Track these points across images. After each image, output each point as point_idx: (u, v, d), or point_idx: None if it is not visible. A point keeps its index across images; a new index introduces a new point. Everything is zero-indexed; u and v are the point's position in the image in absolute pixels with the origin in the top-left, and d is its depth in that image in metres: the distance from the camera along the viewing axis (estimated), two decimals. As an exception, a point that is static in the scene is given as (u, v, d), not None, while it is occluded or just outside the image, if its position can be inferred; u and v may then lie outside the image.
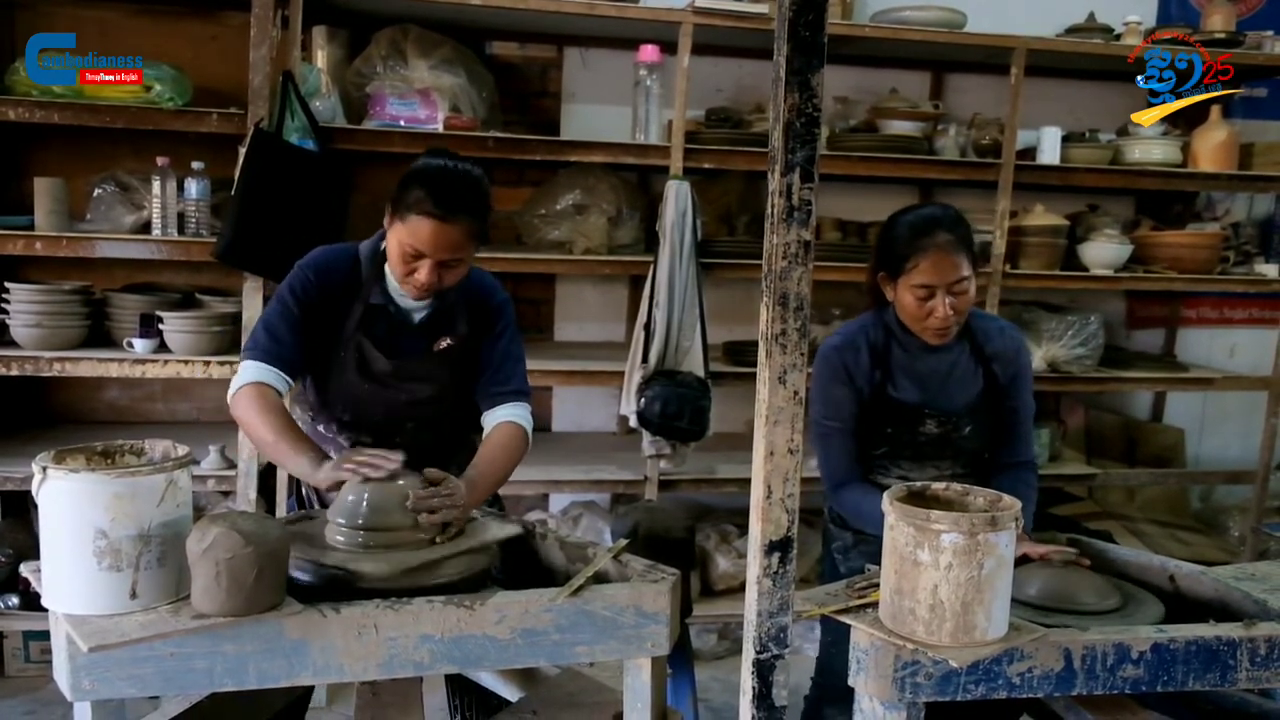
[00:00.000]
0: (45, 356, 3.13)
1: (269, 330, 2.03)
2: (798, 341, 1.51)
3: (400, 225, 1.98)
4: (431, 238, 1.95)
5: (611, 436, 4.24)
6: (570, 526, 3.81)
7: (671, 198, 3.42)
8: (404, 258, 1.99)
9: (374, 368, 2.08)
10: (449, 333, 2.13)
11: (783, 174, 1.47)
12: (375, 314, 2.09)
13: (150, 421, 3.87)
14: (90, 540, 1.47)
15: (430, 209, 1.94)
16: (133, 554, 1.49)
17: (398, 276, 2.04)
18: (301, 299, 2.05)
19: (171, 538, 1.52)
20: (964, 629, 1.60)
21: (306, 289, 2.05)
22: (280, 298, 2.06)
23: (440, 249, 1.97)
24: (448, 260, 1.99)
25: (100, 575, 1.48)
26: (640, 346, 3.47)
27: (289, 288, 2.06)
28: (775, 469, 1.54)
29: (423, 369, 2.13)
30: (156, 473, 1.50)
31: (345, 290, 2.08)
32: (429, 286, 2.01)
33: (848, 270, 3.75)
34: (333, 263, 2.10)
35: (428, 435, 2.16)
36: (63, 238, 3.12)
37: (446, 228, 1.95)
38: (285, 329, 2.03)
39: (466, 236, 1.99)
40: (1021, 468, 2.37)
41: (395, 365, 2.09)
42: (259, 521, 1.51)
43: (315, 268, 2.08)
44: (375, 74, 3.42)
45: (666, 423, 3.39)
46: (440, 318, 2.13)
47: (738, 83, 4.15)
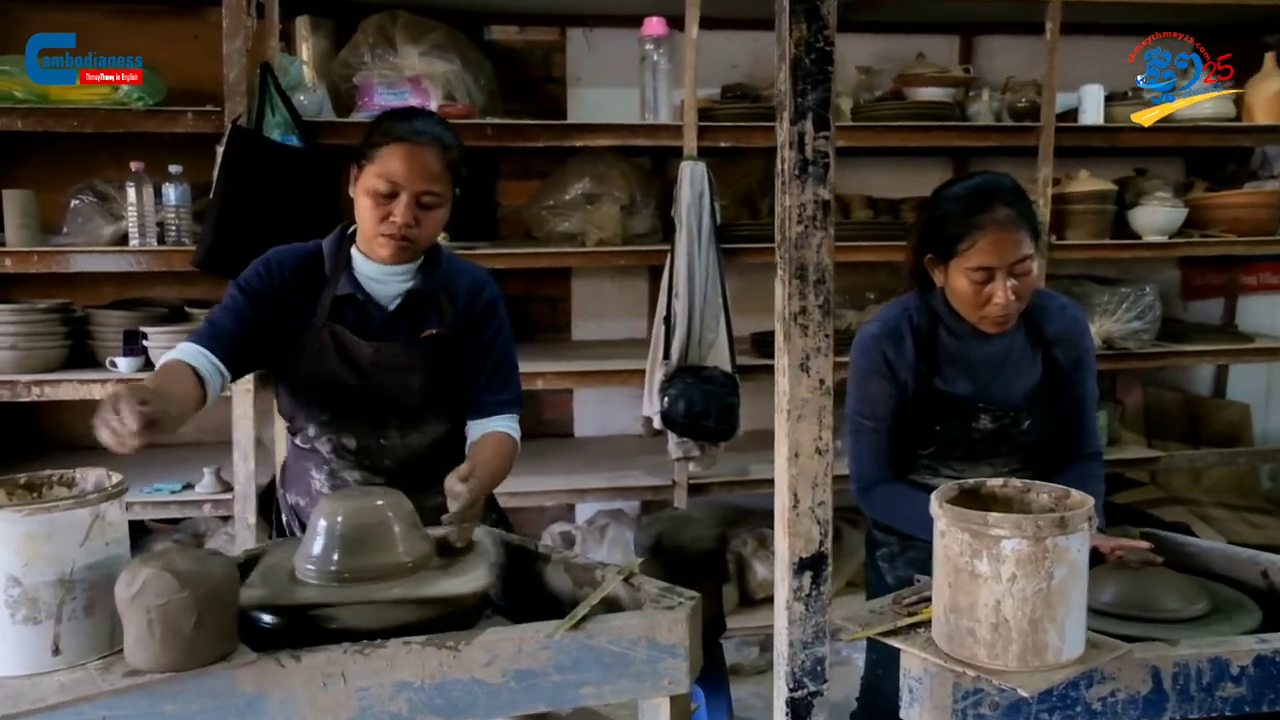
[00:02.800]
0: (22, 380, 2.95)
1: (209, 319, 1.86)
2: (821, 321, 1.27)
3: (369, 168, 1.82)
4: (405, 164, 1.80)
5: (637, 439, 4.00)
6: (596, 538, 3.57)
7: (686, 180, 3.17)
8: (376, 203, 1.81)
9: (354, 354, 1.88)
10: (432, 323, 1.93)
11: (793, 121, 1.23)
12: (344, 303, 1.90)
13: (146, 445, 3.67)
14: (1, 589, 1.25)
15: (400, 134, 1.81)
16: (53, 603, 1.27)
17: (370, 234, 1.85)
18: (249, 292, 1.87)
19: (101, 582, 1.30)
20: (1033, 650, 1.35)
21: (257, 281, 1.89)
22: (228, 293, 1.89)
23: (415, 177, 1.81)
24: (424, 197, 1.82)
25: (15, 629, 1.26)
26: (661, 341, 3.23)
27: (236, 284, 1.90)
28: (801, 473, 1.30)
29: (407, 357, 1.91)
30: (78, 506, 1.29)
31: (308, 282, 1.90)
32: (405, 228, 1.81)
33: (881, 250, 3.50)
34: (290, 256, 1.93)
35: (416, 436, 1.95)
36: (34, 252, 2.94)
37: (419, 152, 1.81)
38: (228, 318, 1.85)
39: (442, 167, 1.84)
40: (1087, 460, 2.10)
41: (377, 350, 1.88)
42: (199, 559, 1.28)
43: (267, 262, 1.91)
44: (363, 64, 3.21)
45: (693, 422, 3.14)
46: (418, 306, 1.93)
47: (753, 57, 3.91)
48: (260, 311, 1.85)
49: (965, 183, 2.02)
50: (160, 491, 3.11)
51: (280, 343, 1.88)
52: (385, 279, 1.91)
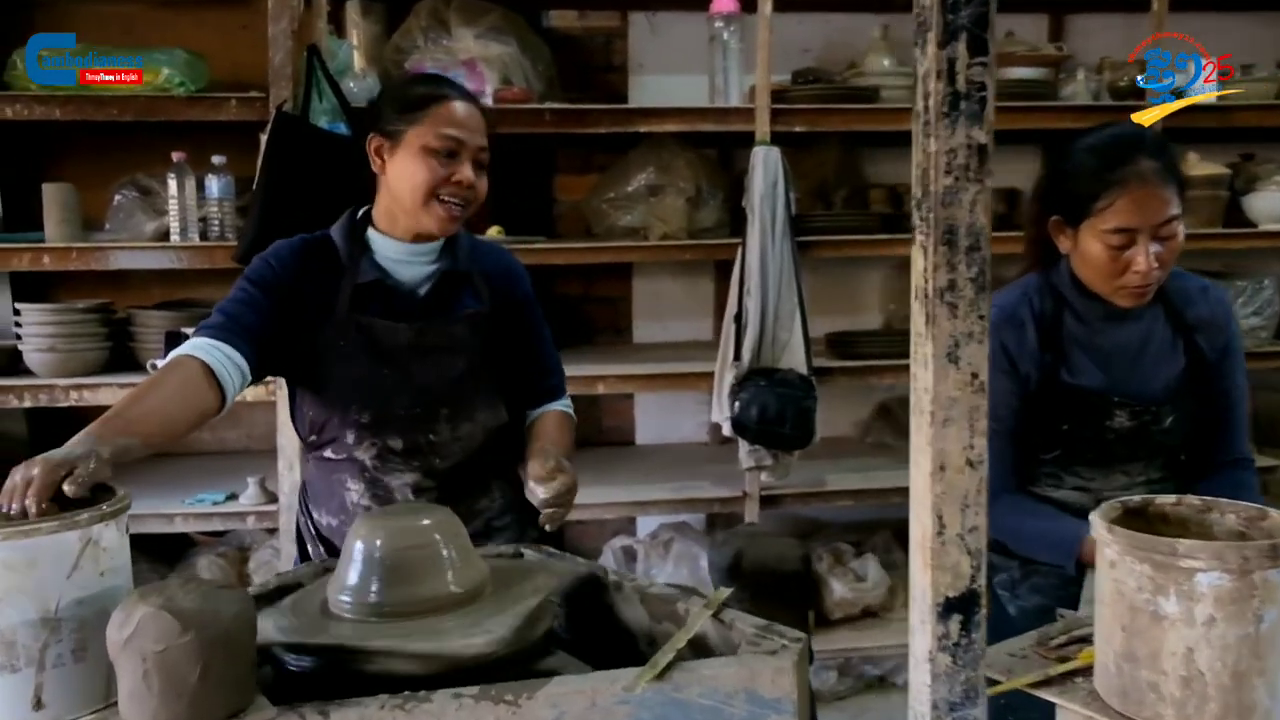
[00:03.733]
0: (60, 384, 2.79)
1: (220, 310, 1.62)
2: (974, 299, 1.01)
3: (417, 130, 1.65)
4: (463, 117, 1.67)
5: (703, 447, 3.76)
6: (661, 554, 3.32)
7: (759, 166, 2.92)
8: (435, 165, 1.64)
9: (392, 342, 1.68)
10: (469, 304, 1.76)
11: (940, 44, 0.97)
12: (369, 292, 1.70)
13: (195, 452, 3.52)
14: (-27, 629, 1.04)
15: (446, 91, 1.69)
16: (34, 647, 1.06)
17: (420, 201, 1.65)
18: (261, 283, 1.66)
19: (93, 620, 1.09)
20: (1236, 711, 1.09)
21: (268, 273, 1.67)
22: (236, 288, 1.67)
23: (474, 132, 1.68)
24: (481, 155, 1.70)
25: (-9, 678, 1.05)
26: (731, 342, 2.98)
27: (244, 278, 1.68)
28: (948, 491, 1.04)
29: (449, 336, 1.71)
30: (64, 529, 1.07)
31: (321, 274, 1.69)
32: (469, 185, 1.66)
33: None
34: (297, 247, 1.72)
35: (468, 427, 1.73)
36: (72, 249, 2.78)
37: (470, 107, 1.70)
38: (243, 309, 1.62)
39: (483, 119, 1.72)
40: (1238, 467, 1.82)
41: (418, 333, 1.68)
42: (206, 596, 1.06)
43: (274, 254, 1.71)
44: (415, 48, 3.02)
45: (766, 428, 2.89)
46: (452, 287, 1.75)
47: (826, 40, 3.66)
48: (276, 306, 1.64)
49: (1100, 132, 1.74)
50: (203, 502, 2.93)
51: (299, 345, 1.67)
52: (411, 260, 1.72)
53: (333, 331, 1.66)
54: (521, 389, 1.82)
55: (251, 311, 1.61)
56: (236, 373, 1.54)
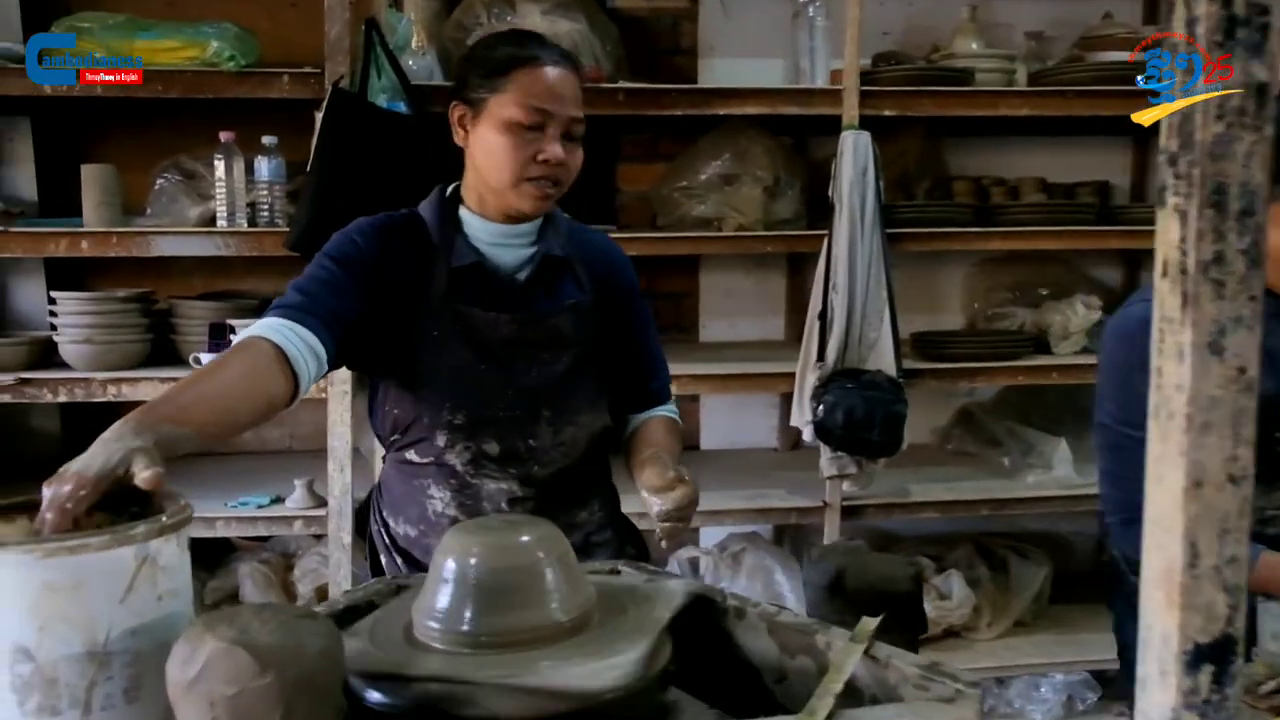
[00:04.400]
0: (98, 378, 2.62)
1: (298, 288, 1.43)
2: (1246, 274, 0.81)
3: (498, 99, 1.46)
4: (552, 85, 1.46)
5: (772, 454, 3.55)
6: (730, 566, 3.12)
7: (849, 152, 2.71)
8: (517, 139, 1.45)
9: (488, 334, 1.50)
10: (571, 293, 1.58)
11: (1216, -48, 0.77)
12: (466, 277, 1.51)
13: (238, 452, 3.36)
14: (6, 665, 0.86)
15: (532, 54, 1.48)
16: (79, 685, 0.87)
17: (508, 179, 1.47)
18: (344, 261, 1.47)
19: (150, 654, 0.90)
20: None
21: (351, 249, 1.49)
22: (314, 264, 1.48)
23: (565, 101, 1.47)
24: (574, 127, 1.49)
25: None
26: (814, 341, 2.77)
27: (324, 254, 1.49)
28: (1205, 513, 0.82)
29: (552, 330, 1.53)
30: (116, 544, 0.89)
31: (412, 254, 1.52)
32: (556, 162, 1.47)
33: (1055, 236, 3.00)
34: (381, 224, 1.54)
35: (570, 431, 1.54)
36: (112, 233, 2.60)
37: (562, 72, 1.48)
38: (323, 289, 1.42)
39: (579, 87, 1.52)
40: None
41: (520, 325, 1.50)
42: (287, 627, 0.87)
43: (360, 230, 1.52)
44: (478, 24, 2.83)
45: (852, 434, 2.68)
46: (553, 274, 1.58)
47: (907, 23, 3.44)
48: (361, 287, 1.46)
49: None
50: (247, 505, 2.75)
51: (385, 333, 1.48)
52: (507, 242, 1.54)
53: (426, 319, 1.48)
54: (624, 391, 1.64)
55: (332, 292, 1.42)
56: (312, 359, 1.35)
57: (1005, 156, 3.45)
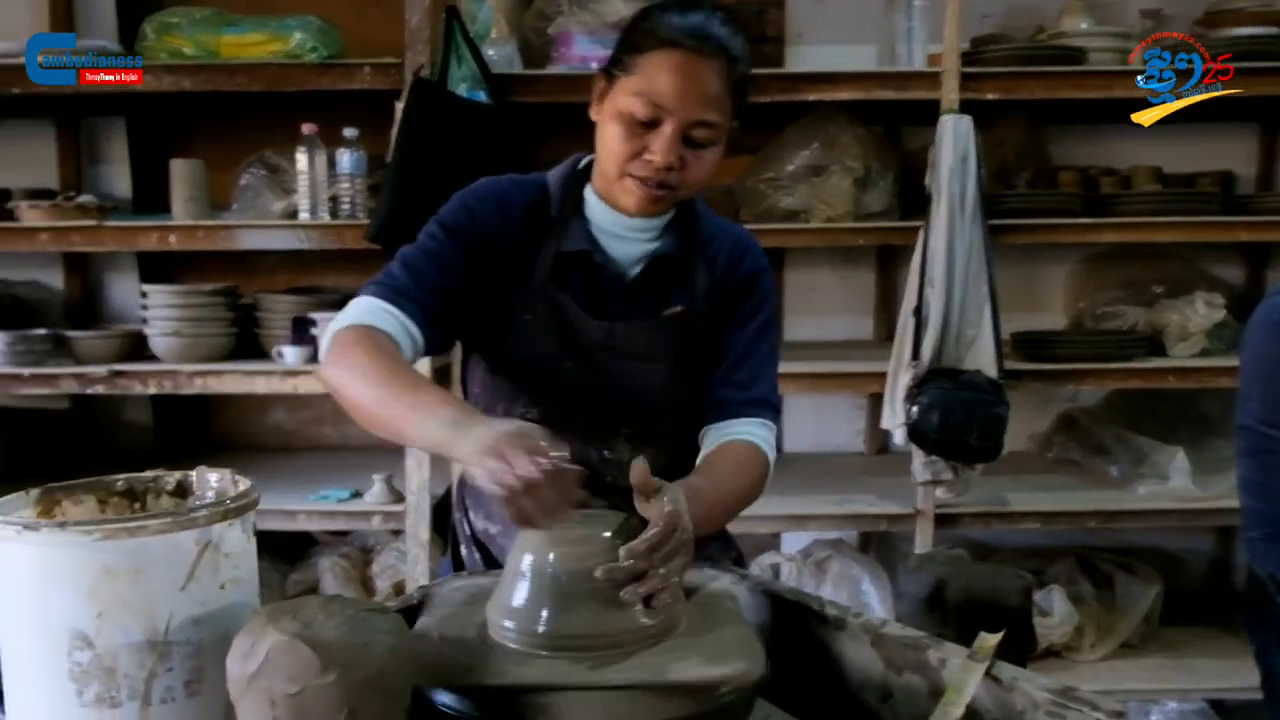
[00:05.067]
0: (185, 370, 2.62)
1: (404, 263, 1.32)
2: None
3: (624, 82, 1.29)
4: (675, 80, 1.26)
5: (859, 458, 3.42)
6: (814, 573, 3.00)
7: (948, 137, 2.58)
8: (628, 132, 1.28)
9: (578, 333, 1.37)
10: (680, 298, 1.41)
11: None
12: (574, 263, 1.38)
13: (319, 446, 3.37)
14: (64, 652, 0.81)
15: (673, 34, 1.26)
16: (138, 676, 0.82)
17: (613, 173, 1.32)
18: (456, 231, 1.35)
19: (211, 644, 0.85)
20: None
21: (465, 218, 1.36)
22: (425, 233, 1.37)
23: (689, 100, 1.26)
24: (696, 130, 1.28)
25: (84, 715, 0.82)
26: (909, 338, 2.64)
27: (437, 221, 1.37)
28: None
29: (648, 342, 1.39)
30: (178, 528, 0.83)
31: (528, 228, 1.38)
32: (665, 170, 1.28)
33: (1172, 228, 2.82)
34: (506, 192, 1.40)
35: (651, 451, 1.36)
36: (199, 227, 2.61)
37: (697, 65, 1.25)
38: (429, 264, 1.32)
39: (724, 88, 1.28)
40: None
41: (608, 333, 1.37)
42: (355, 623, 0.80)
43: (479, 196, 1.39)
44: (559, 12, 2.77)
45: (949, 437, 2.54)
46: (666, 274, 1.41)
47: (1009, 5, 3.29)
48: (471, 261, 1.35)
49: None
50: (327, 499, 2.73)
51: (484, 308, 1.38)
52: (628, 235, 1.39)
53: (523, 301, 1.37)
54: (709, 395, 1.43)
55: (439, 269, 1.32)
56: (410, 344, 1.27)
57: (1114, 145, 3.27)
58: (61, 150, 3.19)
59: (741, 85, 1.32)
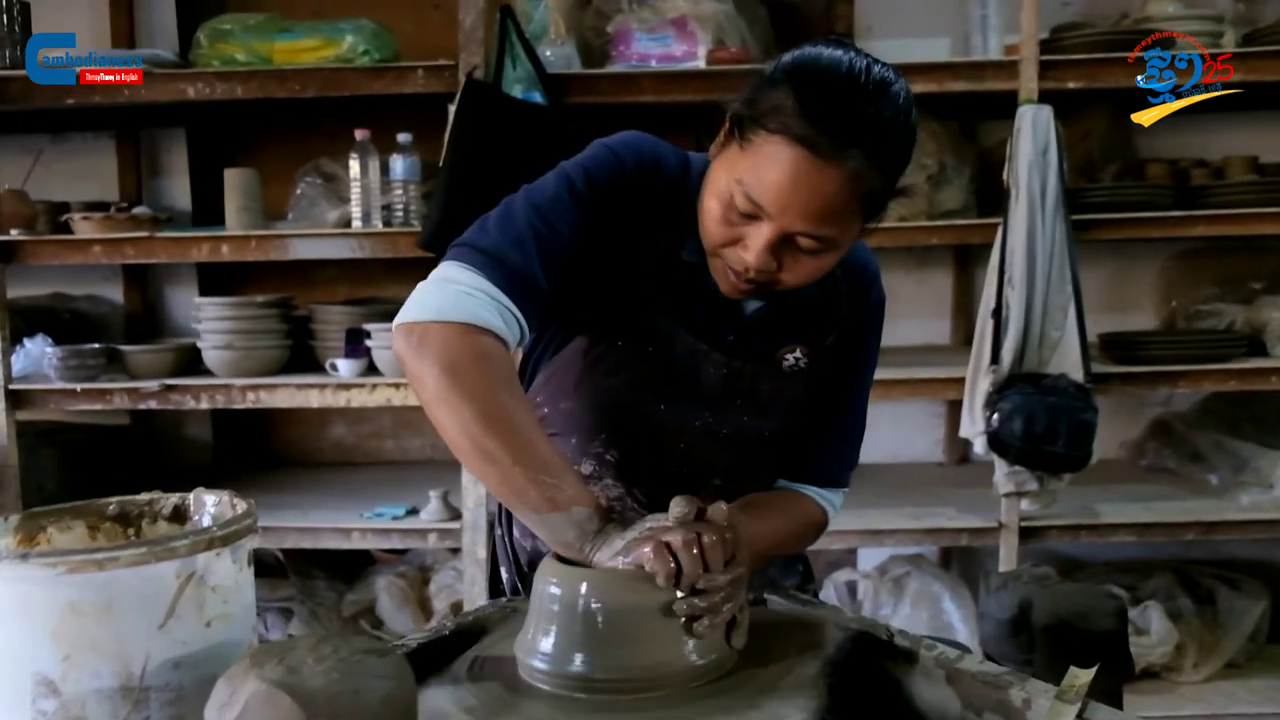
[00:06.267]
0: (237, 384, 2.58)
1: (533, 229, 1.08)
2: None
3: (735, 156, 1.07)
4: (788, 183, 1.02)
5: (937, 468, 3.27)
6: (892, 591, 2.85)
7: (1026, 129, 2.42)
8: (727, 213, 1.07)
9: (687, 367, 1.20)
10: (797, 341, 1.23)
11: None
12: (686, 279, 1.17)
13: (379, 461, 3.32)
14: (26, 700, 0.73)
15: (798, 126, 1.00)
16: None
17: (708, 247, 1.12)
18: (600, 190, 1.12)
19: (194, 690, 0.76)
20: None
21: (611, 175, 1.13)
22: (560, 178, 1.12)
23: (793, 210, 1.03)
24: (802, 239, 1.06)
25: (52, 770, 0.73)
26: (988, 341, 2.48)
27: (580, 167, 1.13)
28: None
29: (773, 389, 1.22)
30: (156, 559, 0.74)
31: (661, 214, 1.16)
32: (751, 277, 1.09)
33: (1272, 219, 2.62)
34: (662, 158, 1.17)
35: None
36: (250, 237, 2.57)
37: (824, 171, 1.01)
38: (552, 233, 1.08)
39: (849, 201, 1.04)
40: None
41: (736, 372, 1.20)
42: (345, 667, 0.70)
43: (635, 151, 1.16)
44: (618, 10, 2.68)
45: (1033, 445, 2.38)
46: (789, 314, 1.22)
47: (1090, -8, 3.12)
48: (597, 231, 1.12)
49: None
50: (382, 517, 2.67)
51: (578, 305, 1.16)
52: None
53: (620, 315, 1.16)
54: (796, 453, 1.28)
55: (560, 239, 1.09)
56: (513, 344, 1.09)
57: (1205, 136, 3.06)
58: (121, 163, 3.20)
59: (878, 195, 1.07)
